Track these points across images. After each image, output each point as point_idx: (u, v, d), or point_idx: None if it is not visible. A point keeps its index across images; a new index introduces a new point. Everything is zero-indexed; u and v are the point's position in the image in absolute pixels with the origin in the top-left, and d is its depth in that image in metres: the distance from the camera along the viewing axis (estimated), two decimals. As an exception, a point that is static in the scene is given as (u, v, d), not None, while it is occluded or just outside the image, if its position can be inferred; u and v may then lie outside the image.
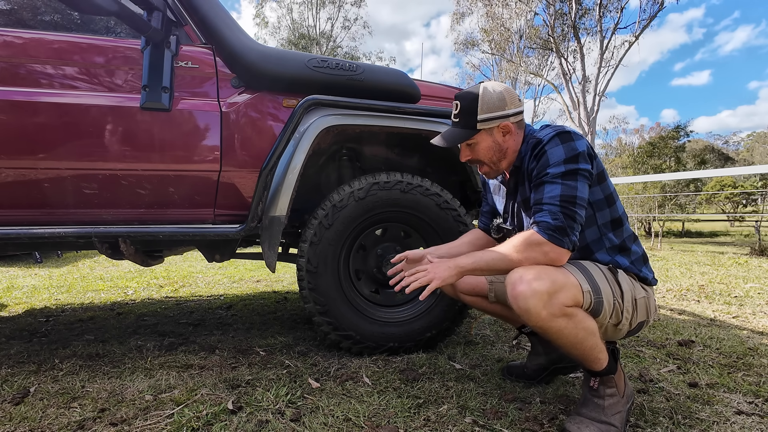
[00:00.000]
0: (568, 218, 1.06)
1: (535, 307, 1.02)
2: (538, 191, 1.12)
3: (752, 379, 1.48)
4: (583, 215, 1.09)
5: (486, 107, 1.18)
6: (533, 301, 1.02)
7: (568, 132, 1.13)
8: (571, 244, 1.07)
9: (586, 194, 1.10)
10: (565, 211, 1.06)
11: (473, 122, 1.19)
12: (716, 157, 26.58)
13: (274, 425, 1.15)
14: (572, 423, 1.10)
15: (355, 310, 1.71)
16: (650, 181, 10.60)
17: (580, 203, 1.08)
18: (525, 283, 1.03)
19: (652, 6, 13.67)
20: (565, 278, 1.05)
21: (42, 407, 1.26)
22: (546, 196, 1.09)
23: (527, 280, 1.03)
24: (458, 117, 1.22)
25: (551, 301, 1.02)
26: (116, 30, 1.61)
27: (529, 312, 1.03)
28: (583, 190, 1.09)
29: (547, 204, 1.08)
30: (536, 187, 1.13)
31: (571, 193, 1.07)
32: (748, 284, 3.45)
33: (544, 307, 1.02)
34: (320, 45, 22.91)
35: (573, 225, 1.07)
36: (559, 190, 1.08)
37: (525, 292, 1.02)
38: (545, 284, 1.02)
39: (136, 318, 2.46)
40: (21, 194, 1.43)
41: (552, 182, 1.09)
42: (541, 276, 1.03)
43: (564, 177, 1.09)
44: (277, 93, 1.65)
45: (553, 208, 1.07)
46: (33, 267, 4.93)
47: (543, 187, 1.11)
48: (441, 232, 1.75)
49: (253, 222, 1.57)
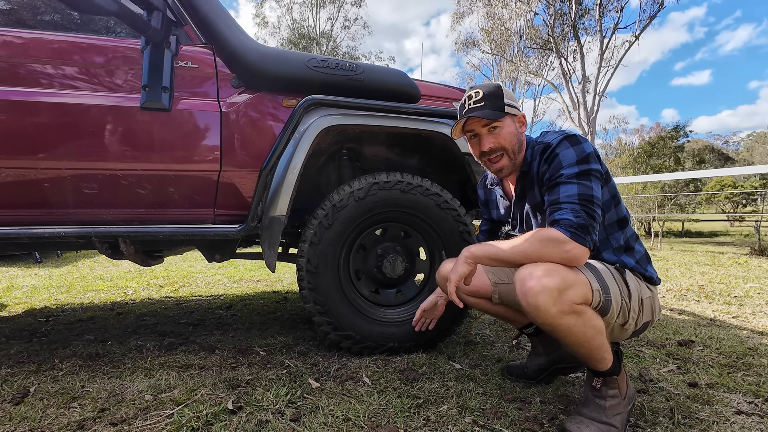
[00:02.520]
0: (589, 216, 1.06)
1: (545, 303, 1.01)
2: (553, 192, 1.12)
3: (752, 379, 1.48)
4: (600, 214, 1.09)
5: (508, 96, 1.23)
6: (543, 298, 1.01)
7: (575, 135, 1.15)
8: (591, 243, 1.06)
9: (600, 194, 1.11)
10: (586, 209, 1.06)
11: (501, 105, 1.21)
12: (716, 157, 26.58)
13: (274, 425, 1.15)
14: (573, 423, 1.09)
15: (355, 310, 1.71)
16: (650, 181, 10.60)
17: (597, 202, 1.08)
18: (535, 279, 1.02)
19: (652, 6, 13.68)
20: (575, 276, 1.05)
21: (42, 407, 1.26)
22: (563, 196, 1.09)
23: (537, 276, 1.02)
24: (483, 101, 1.21)
25: (561, 298, 1.01)
26: (116, 30, 1.61)
27: (539, 308, 1.02)
28: (598, 190, 1.10)
29: (566, 203, 1.08)
30: (550, 188, 1.13)
31: (589, 193, 1.08)
32: (748, 284, 3.45)
33: (554, 303, 1.01)
34: (320, 45, 22.91)
35: (594, 224, 1.06)
36: (576, 189, 1.08)
37: (535, 288, 1.02)
38: (555, 281, 1.01)
39: (136, 318, 2.46)
40: (21, 194, 1.43)
41: (567, 182, 1.10)
42: (552, 273, 1.02)
43: (579, 177, 1.09)
44: (277, 93, 1.65)
45: (574, 206, 1.07)
46: (33, 267, 4.93)
47: (558, 187, 1.11)
48: (441, 232, 1.75)
49: (253, 222, 1.57)
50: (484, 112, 1.20)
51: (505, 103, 1.22)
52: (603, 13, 14.35)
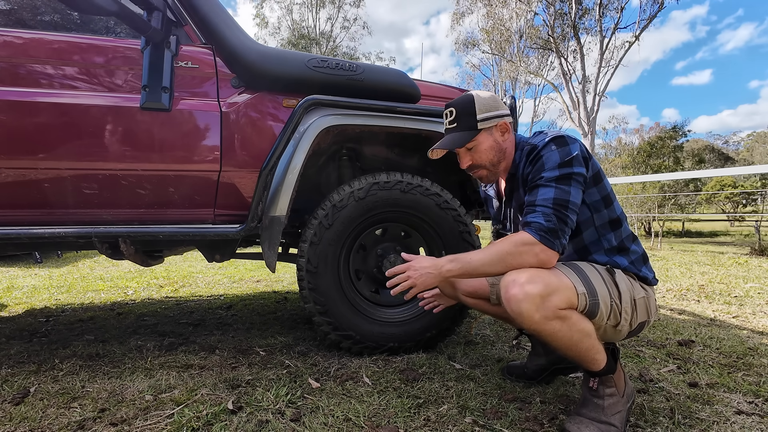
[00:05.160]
0: (560, 221, 1.07)
1: (527, 310, 1.02)
2: (532, 194, 1.13)
3: (752, 379, 1.48)
4: (574, 220, 1.10)
5: (483, 107, 1.21)
6: (526, 305, 1.02)
7: (563, 136, 1.15)
8: (560, 247, 1.08)
9: (579, 199, 1.12)
10: (558, 214, 1.07)
11: (473, 122, 1.21)
12: (716, 156, 26.60)
13: (274, 425, 1.15)
14: (572, 423, 1.10)
15: (355, 310, 1.71)
16: (649, 181, 10.60)
17: (572, 208, 1.09)
18: (518, 286, 1.03)
19: (652, 6, 13.69)
20: (559, 281, 1.05)
21: (42, 407, 1.26)
22: (539, 199, 1.10)
23: (520, 283, 1.04)
24: (455, 122, 1.24)
25: (544, 304, 1.02)
26: (116, 30, 1.61)
27: (522, 315, 1.04)
28: (576, 195, 1.10)
29: (540, 206, 1.09)
30: (530, 190, 1.15)
31: (564, 197, 1.09)
32: (748, 284, 3.45)
33: (537, 310, 1.02)
34: (320, 45, 22.92)
35: (564, 228, 1.08)
36: (552, 193, 1.09)
37: (517, 295, 1.03)
38: (538, 287, 1.02)
39: (136, 318, 2.46)
40: (21, 194, 1.43)
41: (546, 185, 1.11)
42: (534, 279, 1.03)
43: (558, 181, 1.10)
44: (277, 93, 1.65)
45: (546, 210, 1.08)
46: (33, 267, 4.93)
47: (537, 190, 1.12)
48: (441, 232, 1.75)
49: (253, 222, 1.57)
50: (452, 139, 1.23)
51: (479, 118, 1.21)
52: (603, 13, 14.37)
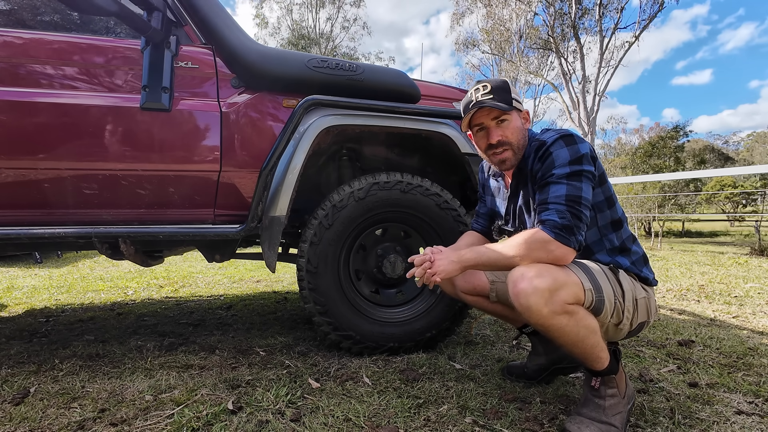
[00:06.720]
0: (574, 217, 1.07)
1: (536, 304, 1.02)
2: (543, 191, 1.13)
3: (752, 379, 1.48)
4: (588, 216, 1.10)
5: (514, 92, 1.24)
6: (534, 299, 1.02)
7: (572, 135, 1.15)
8: (577, 244, 1.07)
9: (590, 195, 1.11)
10: (572, 210, 1.07)
11: (509, 98, 1.22)
12: (716, 156, 26.59)
13: (274, 425, 1.15)
14: (572, 423, 1.10)
15: (355, 310, 1.70)
16: (649, 181, 10.60)
17: (585, 204, 1.09)
18: (527, 281, 1.03)
19: (652, 6, 13.68)
20: (567, 276, 1.06)
21: (42, 407, 1.26)
22: (551, 196, 1.10)
23: (529, 277, 1.03)
24: (492, 94, 1.21)
25: (552, 299, 1.02)
26: (116, 30, 1.61)
27: (531, 309, 1.03)
28: (587, 191, 1.10)
29: (553, 203, 1.09)
30: (541, 188, 1.14)
31: (577, 194, 1.08)
32: (748, 284, 3.45)
33: (546, 304, 1.02)
34: (320, 45, 22.92)
35: (579, 225, 1.07)
36: (564, 190, 1.09)
37: (526, 289, 1.03)
38: (547, 281, 1.02)
39: (136, 318, 2.46)
40: (21, 194, 1.43)
41: (557, 182, 1.10)
42: (543, 273, 1.03)
43: (569, 178, 1.10)
44: (277, 93, 1.65)
45: (560, 207, 1.08)
46: (33, 267, 4.93)
47: (548, 187, 1.12)
48: (441, 232, 1.74)
49: (253, 222, 1.57)
50: (494, 103, 1.20)
51: (513, 97, 1.22)
52: (603, 13, 14.36)
